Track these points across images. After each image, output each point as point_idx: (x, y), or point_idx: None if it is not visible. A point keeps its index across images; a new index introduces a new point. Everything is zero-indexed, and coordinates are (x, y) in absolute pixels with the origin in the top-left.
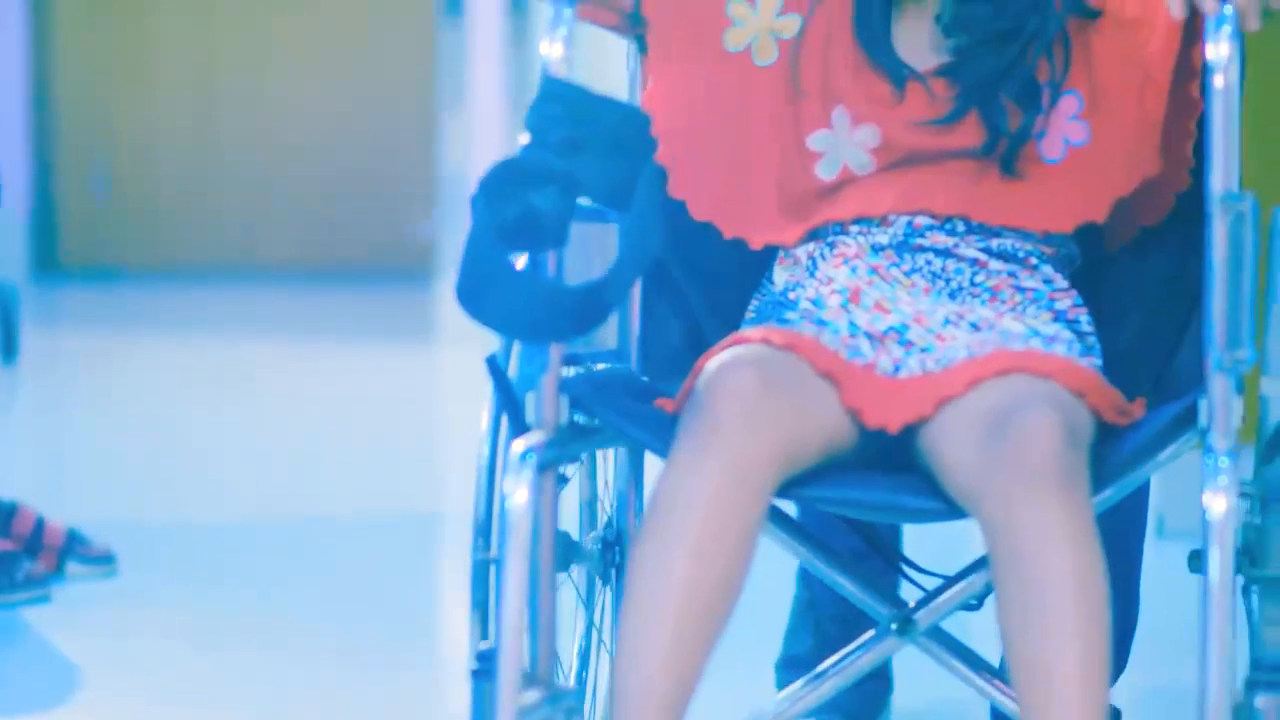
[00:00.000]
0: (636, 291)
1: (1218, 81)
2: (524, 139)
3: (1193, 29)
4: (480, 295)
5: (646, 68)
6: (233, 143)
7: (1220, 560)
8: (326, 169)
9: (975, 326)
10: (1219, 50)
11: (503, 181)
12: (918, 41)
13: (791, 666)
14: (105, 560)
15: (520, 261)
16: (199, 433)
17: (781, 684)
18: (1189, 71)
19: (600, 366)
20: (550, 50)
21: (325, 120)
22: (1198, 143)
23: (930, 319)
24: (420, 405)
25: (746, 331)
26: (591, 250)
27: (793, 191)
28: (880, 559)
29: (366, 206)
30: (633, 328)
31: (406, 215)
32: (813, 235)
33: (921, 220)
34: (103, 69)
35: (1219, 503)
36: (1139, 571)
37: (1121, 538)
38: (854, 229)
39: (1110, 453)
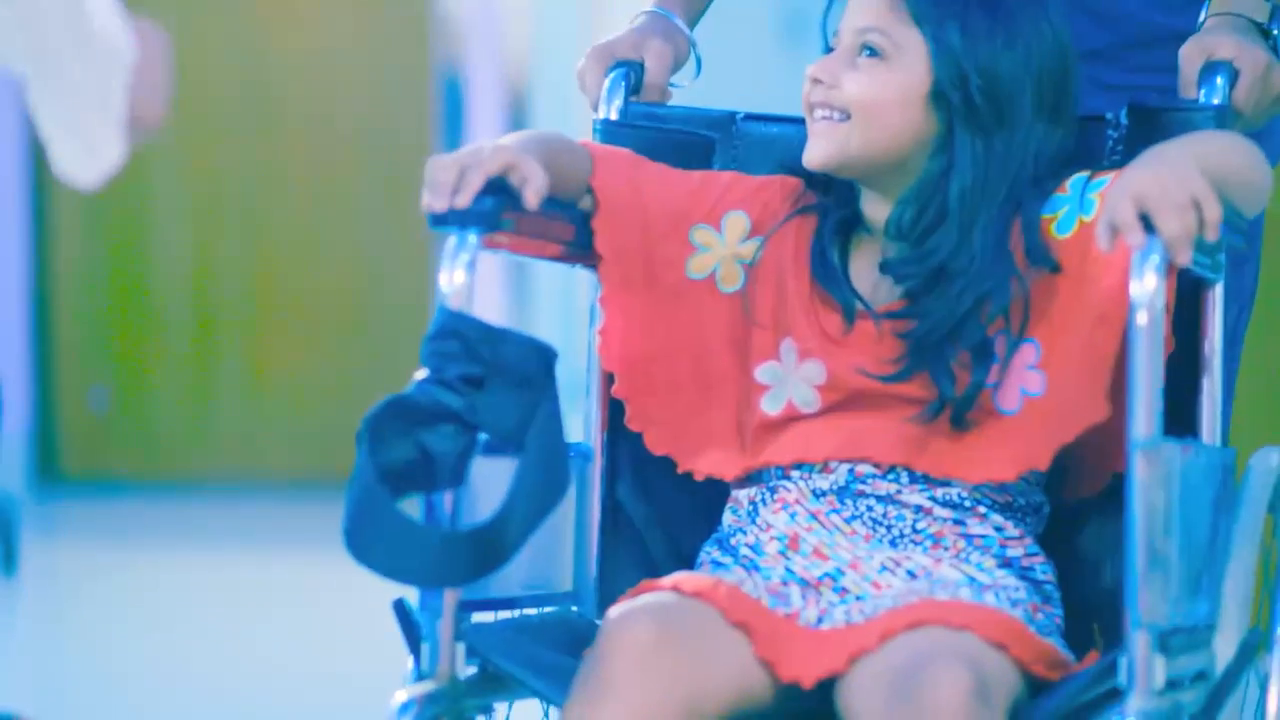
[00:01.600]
0: (594, 531)
1: (1140, 319)
2: (420, 374)
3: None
4: (367, 541)
5: (600, 299)
6: (231, 354)
7: None
8: (327, 379)
9: (912, 574)
10: (1144, 285)
11: (392, 420)
12: (876, 274)
13: None
14: None
15: (414, 504)
16: (202, 649)
17: None
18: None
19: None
20: (449, 280)
21: (325, 331)
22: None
23: (866, 566)
24: None
25: (659, 579)
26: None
27: (744, 425)
28: None
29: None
30: (589, 569)
31: None
32: (754, 479)
33: (863, 468)
34: (101, 283)
35: None
36: None
37: None
38: (795, 474)
39: (1032, 710)
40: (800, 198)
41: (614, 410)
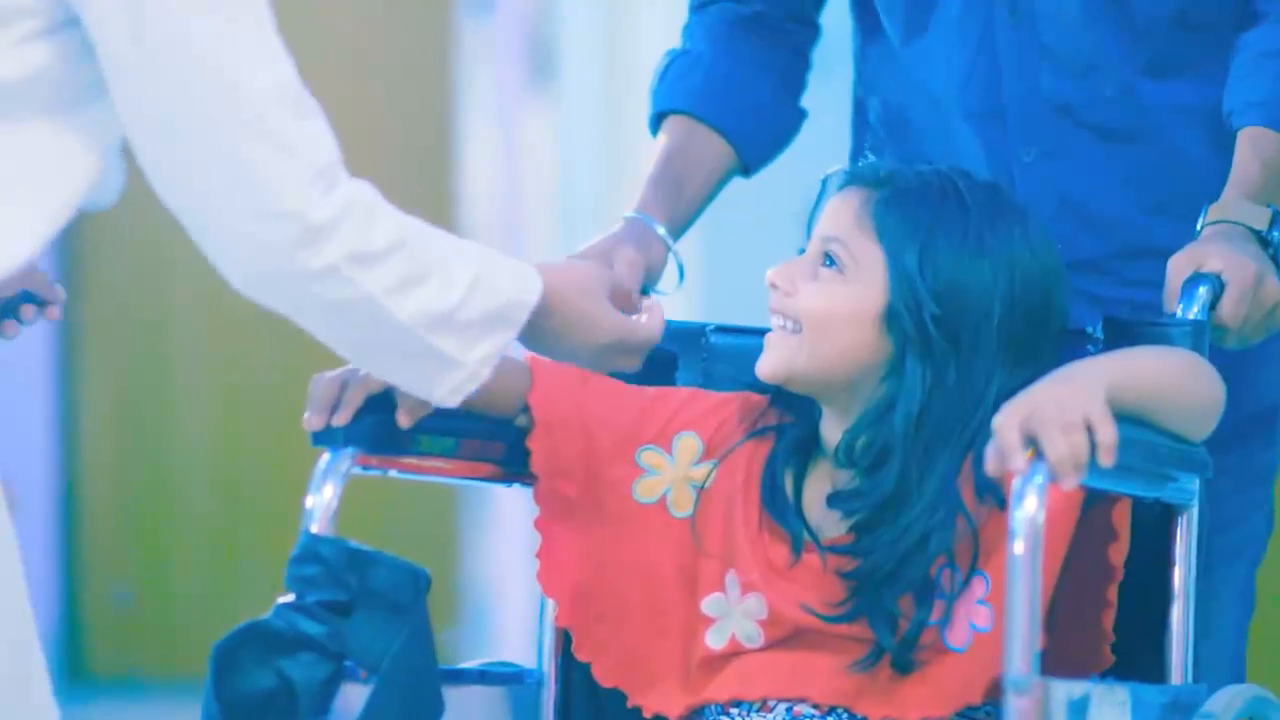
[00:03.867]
0: None
1: (1017, 547)
2: (285, 598)
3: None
4: None
5: (536, 522)
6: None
7: None
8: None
9: None
10: (1023, 512)
11: (250, 647)
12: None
13: None
14: None
15: None
16: None
17: None
18: (1107, 532)
19: None
20: (315, 501)
21: (350, 515)
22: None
23: None
24: None
25: None
26: None
27: (691, 658)
28: None
29: None
30: None
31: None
32: (696, 715)
33: (801, 708)
34: (127, 482)
35: None
36: None
37: None
38: (735, 711)
39: None
40: (760, 417)
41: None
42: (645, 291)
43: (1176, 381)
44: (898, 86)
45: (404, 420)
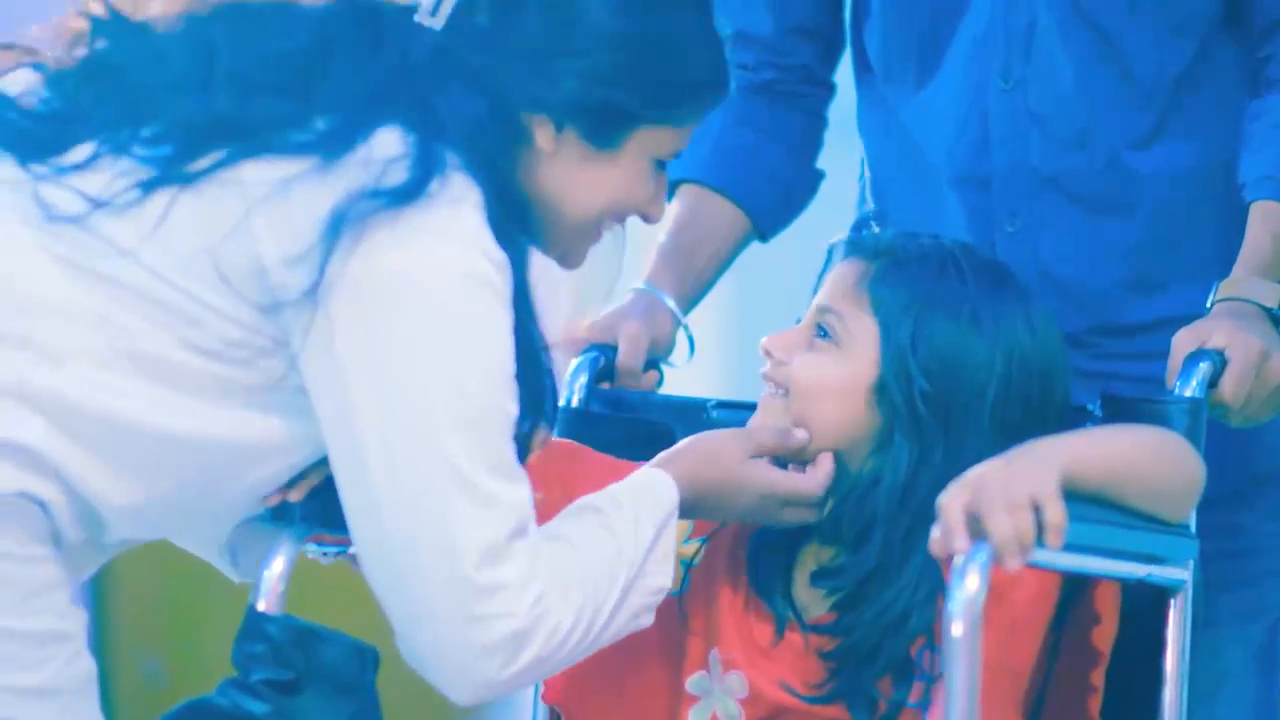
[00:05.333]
0: None
1: (955, 629)
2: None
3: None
4: None
5: None
6: None
7: None
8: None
9: None
10: (962, 593)
11: None
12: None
13: None
14: None
15: None
16: None
17: None
18: (1091, 616)
19: None
20: (265, 576)
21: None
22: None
23: None
24: None
25: None
26: None
27: None
28: None
29: None
30: None
31: None
32: None
33: None
34: (155, 549)
35: None
36: None
37: None
38: None
39: None
40: None
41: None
42: (657, 365)
43: (1146, 461)
44: (892, 148)
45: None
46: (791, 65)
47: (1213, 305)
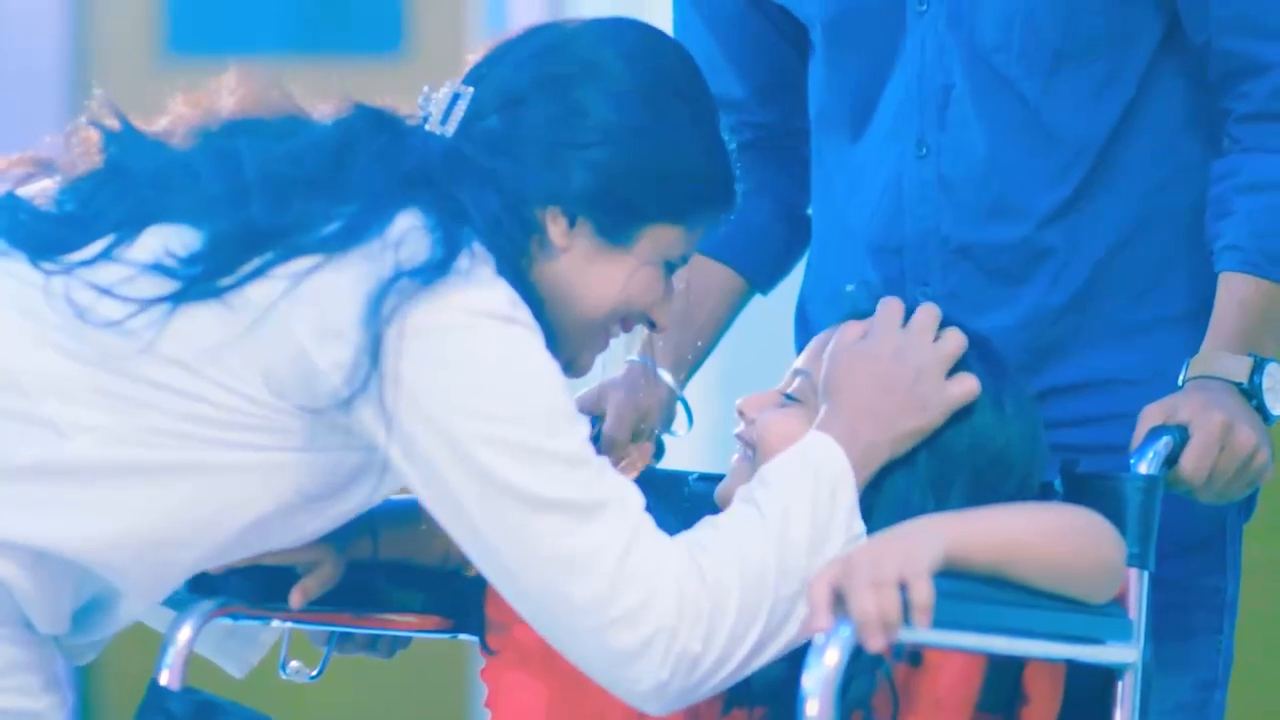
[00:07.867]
0: None
1: (810, 709)
2: None
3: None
4: None
5: (484, 674)
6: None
7: None
8: None
9: None
10: (817, 673)
11: None
12: None
13: None
14: None
15: None
16: None
17: None
18: (1017, 696)
19: None
20: (171, 647)
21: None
22: None
23: None
24: None
25: None
26: None
27: None
28: None
29: None
30: None
31: None
32: None
33: None
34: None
35: None
36: None
37: None
38: None
39: None
40: None
41: None
42: (658, 438)
43: (1039, 542)
44: (822, 211)
45: (296, 599)
46: (768, 123)
47: (1184, 383)
